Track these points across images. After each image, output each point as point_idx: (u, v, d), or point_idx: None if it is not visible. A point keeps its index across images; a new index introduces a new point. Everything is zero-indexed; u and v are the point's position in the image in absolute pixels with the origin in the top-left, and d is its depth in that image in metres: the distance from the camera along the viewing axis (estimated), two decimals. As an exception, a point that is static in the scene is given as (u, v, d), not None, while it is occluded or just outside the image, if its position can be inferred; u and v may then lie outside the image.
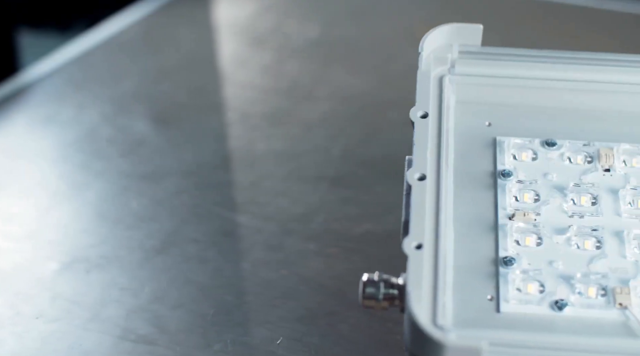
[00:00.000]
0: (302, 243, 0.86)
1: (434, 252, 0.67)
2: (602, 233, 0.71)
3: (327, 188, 0.93)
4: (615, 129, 0.78)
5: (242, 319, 0.78)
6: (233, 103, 1.07)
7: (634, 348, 0.64)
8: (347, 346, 0.75)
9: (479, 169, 0.76)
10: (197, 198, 0.92)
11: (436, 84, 0.77)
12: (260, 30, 1.21)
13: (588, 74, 0.78)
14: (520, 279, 0.69)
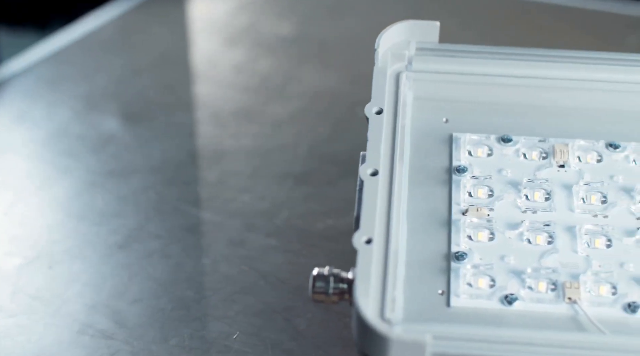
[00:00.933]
0: (264, 239, 0.87)
1: (384, 247, 0.68)
2: (554, 228, 0.72)
3: (292, 185, 0.94)
4: (571, 125, 0.78)
5: (200, 314, 0.78)
6: (203, 101, 1.08)
7: (582, 342, 0.64)
8: (303, 341, 0.76)
9: (434, 165, 0.76)
10: (162, 194, 0.92)
11: (393, 80, 0.78)
12: (235, 28, 1.22)
13: (544, 70, 0.79)
14: (471, 274, 0.69)
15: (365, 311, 0.63)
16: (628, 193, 0.74)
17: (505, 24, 1.25)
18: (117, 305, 0.80)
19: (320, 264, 0.70)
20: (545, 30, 1.25)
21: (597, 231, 0.72)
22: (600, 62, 0.79)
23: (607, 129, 0.78)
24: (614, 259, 0.70)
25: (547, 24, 1.26)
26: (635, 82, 0.78)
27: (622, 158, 0.76)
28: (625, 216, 0.73)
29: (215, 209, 0.91)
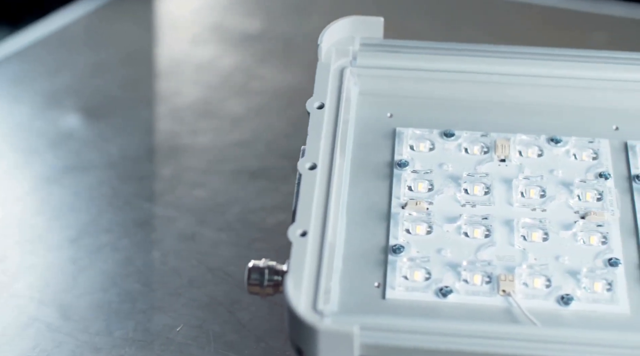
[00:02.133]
0: (215, 234, 0.87)
1: (320, 239, 0.68)
2: (492, 221, 0.72)
3: (247, 180, 0.94)
4: (513, 120, 0.79)
5: (146, 307, 0.79)
6: (164, 97, 1.08)
7: (514, 333, 0.65)
8: (245, 334, 0.76)
9: (377, 159, 0.77)
10: (117, 189, 0.93)
11: (336, 76, 0.78)
12: (201, 26, 1.22)
13: (487, 66, 0.79)
14: (408, 267, 0.70)
15: (295, 303, 0.63)
16: (567, 187, 0.74)
17: (472, 21, 1.26)
18: (65, 298, 0.81)
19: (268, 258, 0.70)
20: (512, 28, 1.26)
21: (534, 224, 0.72)
22: (541, 58, 0.79)
23: (549, 124, 0.78)
24: (550, 252, 0.71)
25: (514, 22, 1.27)
26: (576, 77, 0.79)
27: (562, 153, 0.77)
28: (564, 210, 0.73)
29: (168, 204, 0.91)
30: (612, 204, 0.73)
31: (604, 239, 0.71)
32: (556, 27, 1.24)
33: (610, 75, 0.79)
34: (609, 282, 0.69)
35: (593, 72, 0.79)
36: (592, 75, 0.79)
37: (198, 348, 0.75)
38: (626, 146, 0.77)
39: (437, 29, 1.24)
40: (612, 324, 0.68)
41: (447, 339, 0.64)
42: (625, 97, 0.79)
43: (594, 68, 0.79)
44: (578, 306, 0.68)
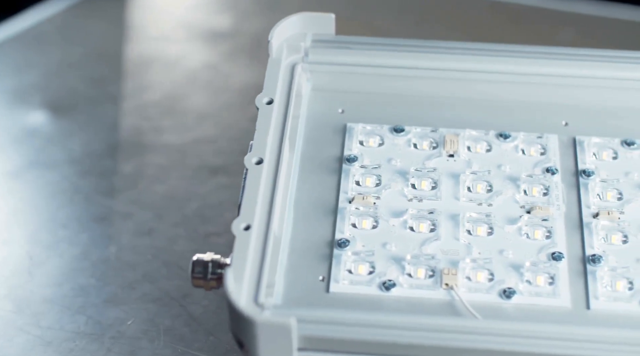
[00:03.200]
0: (172, 229, 0.88)
1: (264, 233, 0.69)
2: (437, 216, 0.73)
3: (207, 176, 0.95)
4: (463, 116, 0.79)
5: (99, 301, 0.80)
6: (131, 94, 1.09)
7: (455, 326, 0.65)
8: (196, 327, 0.77)
9: (327, 154, 0.77)
10: (77, 185, 0.94)
11: (288, 71, 0.79)
12: (171, 24, 1.23)
13: (437, 62, 0.80)
14: (352, 261, 0.71)
15: (235, 295, 0.64)
16: (514, 182, 0.75)
17: (442, 19, 1.26)
18: (19, 292, 0.82)
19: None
20: (479, 26, 1.26)
21: (479, 219, 0.73)
22: (492, 54, 0.80)
23: (499, 120, 0.79)
24: (494, 246, 0.71)
25: (483, 19, 1.27)
26: (526, 73, 0.79)
27: (511, 148, 0.77)
28: (510, 205, 0.74)
29: (128, 199, 0.92)
30: (558, 199, 0.74)
31: (549, 234, 0.72)
32: (524, 24, 1.25)
33: (560, 71, 0.79)
34: (551, 276, 0.70)
35: (543, 68, 0.80)
36: (542, 71, 0.80)
37: (148, 341, 0.75)
38: (575, 141, 0.78)
39: (407, 27, 1.25)
40: (553, 317, 0.68)
41: (387, 331, 0.65)
42: (575, 93, 0.80)
43: (544, 64, 0.80)
44: (520, 300, 0.69)
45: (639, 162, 0.76)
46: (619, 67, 0.79)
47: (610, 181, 0.75)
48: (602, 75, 0.79)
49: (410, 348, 0.65)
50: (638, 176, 0.75)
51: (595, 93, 0.80)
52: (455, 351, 0.65)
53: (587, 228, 0.72)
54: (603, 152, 0.77)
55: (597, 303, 0.69)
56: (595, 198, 0.74)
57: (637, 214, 0.73)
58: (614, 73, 0.79)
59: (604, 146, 0.77)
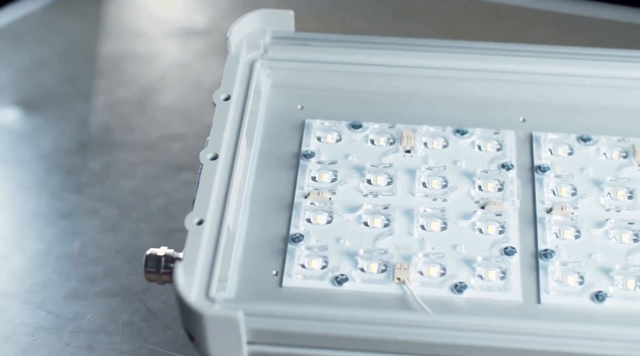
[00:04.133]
0: (137, 224, 0.89)
1: (217, 228, 0.69)
2: (392, 211, 0.73)
3: (175, 173, 0.96)
4: (421, 112, 0.80)
5: (59, 296, 0.80)
6: (103, 92, 1.09)
7: (406, 320, 0.66)
8: (154, 322, 0.77)
9: (285, 150, 0.78)
10: (45, 181, 0.94)
11: (247, 68, 0.79)
12: (147, 22, 1.23)
13: (395, 58, 0.80)
14: (306, 256, 0.71)
15: (184, 289, 0.64)
16: (469, 177, 0.75)
17: (415, 17, 1.27)
18: (-19, 288, 0.82)
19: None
20: (456, 24, 1.26)
21: (433, 214, 0.73)
22: (449, 50, 0.80)
23: (457, 116, 0.79)
24: (448, 241, 0.72)
25: (458, 18, 1.28)
26: (484, 70, 0.80)
27: (468, 144, 0.78)
28: (464, 200, 0.74)
29: (93, 196, 0.92)
30: (513, 194, 0.74)
31: (502, 229, 0.73)
32: (500, 22, 1.25)
33: (518, 67, 0.80)
34: (503, 271, 0.70)
35: (500, 64, 0.80)
36: (500, 67, 0.80)
37: (106, 335, 0.76)
38: (531, 137, 0.78)
39: (383, 26, 1.25)
40: (503, 311, 0.69)
41: (337, 325, 0.65)
42: (534, 89, 0.80)
43: (501, 61, 0.80)
44: (471, 294, 0.69)
45: (594, 158, 0.77)
46: (577, 63, 0.80)
47: (565, 177, 0.75)
48: (560, 71, 0.80)
49: (359, 342, 0.65)
50: (593, 172, 0.76)
51: (553, 89, 0.80)
52: (405, 344, 0.65)
53: (541, 223, 0.73)
54: (559, 148, 0.77)
55: (547, 297, 0.69)
56: (550, 193, 0.75)
57: (591, 209, 0.74)
58: (571, 69, 0.80)
59: (560, 142, 0.78)
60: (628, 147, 0.77)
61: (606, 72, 0.80)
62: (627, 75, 0.80)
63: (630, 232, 0.72)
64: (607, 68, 0.80)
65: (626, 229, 0.72)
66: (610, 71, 0.80)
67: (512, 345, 0.65)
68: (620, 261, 0.71)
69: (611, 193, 0.74)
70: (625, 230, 0.72)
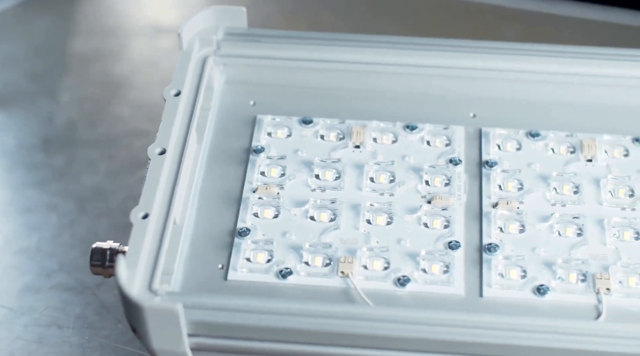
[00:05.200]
0: (95, 220, 0.89)
1: (163, 222, 0.70)
2: (338, 206, 0.74)
3: (136, 169, 0.96)
4: (371, 108, 0.80)
5: (14, 289, 0.81)
6: (69, 89, 1.10)
7: (347, 313, 0.66)
8: (105, 315, 0.78)
9: (236, 145, 0.78)
10: (6, 178, 0.95)
11: (199, 64, 0.80)
12: (117, 20, 1.24)
13: (346, 54, 0.81)
14: (252, 249, 0.72)
15: (125, 282, 0.65)
16: (417, 172, 0.76)
17: (384, 15, 1.27)
18: None
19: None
20: (426, 22, 1.27)
21: (379, 208, 0.74)
22: (400, 47, 0.81)
23: (408, 112, 0.80)
24: (393, 235, 0.73)
25: (428, 16, 1.28)
26: (435, 66, 0.81)
27: (417, 139, 0.78)
28: (411, 195, 0.75)
29: (54, 191, 0.93)
30: (460, 189, 0.75)
31: (447, 223, 0.73)
32: (468, 20, 1.26)
33: (469, 63, 0.81)
34: (446, 264, 0.71)
35: (452, 60, 0.81)
36: (452, 63, 0.81)
37: (57, 328, 0.76)
38: (481, 132, 0.79)
39: (353, 22, 1.26)
40: (445, 305, 0.69)
41: (277, 318, 0.66)
42: (484, 85, 0.81)
43: (453, 57, 0.81)
44: (414, 288, 0.70)
45: (542, 153, 0.78)
46: (527, 60, 0.81)
47: (512, 172, 0.76)
48: (510, 68, 0.80)
49: (301, 334, 0.66)
50: (540, 167, 0.76)
51: (504, 85, 0.81)
52: (347, 337, 0.66)
53: (486, 217, 0.74)
54: (507, 143, 0.78)
55: (490, 290, 0.70)
56: (496, 188, 0.75)
57: (537, 204, 0.74)
58: (522, 66, 0.80)
59: (509, 137, 0.78)
60: (576, 142, 0.78)
61: (556, 69, 0.80)
62: (577, 71, 0.80)
63: (575, 226, 0.73)
64: (556, 64, 0.80)
65: (570, 223, 0.73)
66: (559, 67, 0.80)
67: (452, 337, 0.65)
68: (563, 255, 0.71)
69: (557, 187, 0.75)
70: (570, 224, 0.73)
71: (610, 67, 0.80)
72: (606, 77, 0.80)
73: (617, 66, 0.80)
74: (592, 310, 0.69)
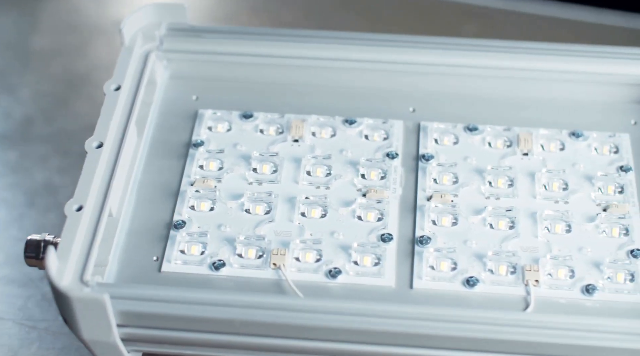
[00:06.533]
0: (43, 215, 0.90)
1: (98, 214, 0.71)
2: (274, 199, 0.75)
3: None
4: (310, 102, 0.81)
5: (-37, 285, 0.82)
6: (27, 85, 1.11)
7: (277, 303, 0.67)
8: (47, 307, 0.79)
9: (177, 139, 0.79)
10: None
11: (141, 59, 0.81)
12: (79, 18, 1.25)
13: (286, 50, 0.82)
14: (186, 242, 0.73)
15: (53, 273, 0.66)
16: (354, 166, 0.77)
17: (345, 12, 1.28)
18: None
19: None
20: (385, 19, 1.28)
21: (315, 201, 0.75)
22: (339, 42, 0.82)
23: (350, 106, 0.81)
24: (327, 228, 0.73)
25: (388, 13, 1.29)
26: (374, 61, 0.81)
27: (355, 134, 0.79)
28: (347, 188, 0.76)
29: (4, 186, 0.94)
30: (396, 182, 0.76)
31: (381, 216, 0.74)
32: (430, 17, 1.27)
33: (409, 58, 0.81)
34: (378, 257, 0.72)
35: (392, 55, 0.81)
36: (392, 58, 0.81)
37: (-2, 321, 0.77)
38: (419, 126, 0.80)
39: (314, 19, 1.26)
40: (376, 296, 0.70)
41: (205, 308, 0.66)
42: (423, 80, 0.82)
43: (394, 52, 0.81)
44: (345, 279, 0.71)
45: (479, 147, 0.78)
46: (467, 54, 0.81)
47: (447, 165, 0.77)
48: (450, 62, 0.81)
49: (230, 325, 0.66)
50: (476, 161, 0.77)
51: (443, 80, 0.82)
52: (276, 327, 0.66)
53: (420, 210, 0.74)
54: (445, 137, 0.79)
55: (420, 282, 0.71)
56: (432, 181, 0.76)
57: (471, 197, 0.75)
58: (460, 60, 0.81)
59: (446, 131, 0.79)
60: (513, 136, 0.79)
61: (495, 63, 0.81)
62: (516, 66, 0.81)
63: (507, 219, 0.74)
64: (496, 59, 0.81)
65: (503, 216, 0.74)
66: (499, 62, 0.81)
67: (380, 327, 0.66)
68: (495, 248, 0.72)
69: (492, 181, 0.76)
70: (502, 217, 0.74)
71: (548, 62, 0.81)
72: (545, 72, 0.81)
73: (555, 61, 0.81)
74: (520, 302, 0.70)
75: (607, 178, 0.76)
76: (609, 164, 0.77)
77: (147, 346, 0.69)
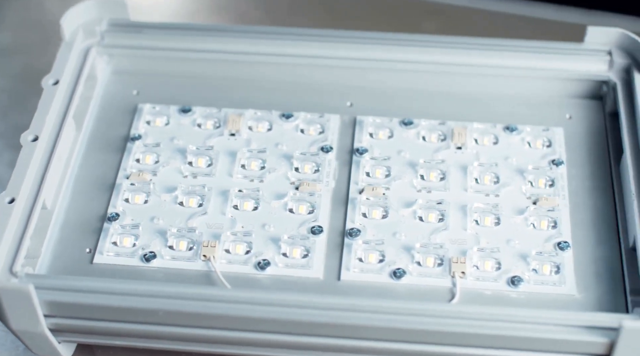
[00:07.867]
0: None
1: (30, 207, 0.72)
2: (208, 192, 0.76)
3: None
4: (247, 96, 0.82)
5: None
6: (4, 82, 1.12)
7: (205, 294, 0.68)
8: None
9: (116, 134, 0.80)
10: None
11: (81, 55, 0.82)
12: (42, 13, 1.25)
13: (224, 45, 0.83)
14: (118, 234, 0.74)
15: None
16: (288, 160, 0.78)
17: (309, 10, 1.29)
18: None
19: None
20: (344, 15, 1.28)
21: (247, 194, 0.76)
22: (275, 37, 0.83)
23: (287, 101, 0.82)
24: (258, 221, 0.74)
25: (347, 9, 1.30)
26: (313, 56, 0.82)
27: (292, 128, 0.80)
28: (280, 182, 0.77)
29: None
30: (329, 175, 0.77)
31: (312, 209, 0.75)
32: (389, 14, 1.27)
33: (346, 54, 0.82)
34: (307, 249, 0.73)
35: (329, 50, 0.82)
36: (329, 53, 0.82)
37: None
38: (355, 121, 0.81)
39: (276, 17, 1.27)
40: (303, 287, 0.71)
41: (133, 299, 0.67)
42: (360, 74, 0.83)
43: (330, 47, 0.82)
44: (274, 271, 0.72)
45: (413, 141, 0.79)
46: (403, 49, 0.82)
47: (380, 159, 0.78)
48: (387, 57, 0.82)
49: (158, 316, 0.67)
50: (410, 155, 0.78)
51: (380, 75, 0.83)
52: (203, 318, 0.67)
53: (352, 203, 0.75)
54: (380, 131, 0.80)
55: (347, 274, 0.72)
56: (364, 175, 0.77)
57: (402, 190, 0.76)
58: (397, 55, 0.82)
59: (382, 125, 0.80)
60: (447, 130, 0.80)
61: (432, 58, 0.82)
62: (452, 61, 0.82)
63: (437, 212, 0.75)
64: (432, 54, 0.82)
65: (433, 209, 0.75)
66: (435, 56, 0.82)
67: (305, 318, 0.67)
68: (423, 240, 0.73)
69: (424, 174, 0.77)
70: (433, 210, 0.75)
71: (484, 57, 0.82)
72: (480, 67, 0.82)
73: (490, 56, 0.82)
74: (446, 293, 0.71)
75: (539, 171, 0.77)
76: (542, 158, 0.78)
77: (78, 336, 0.70)
